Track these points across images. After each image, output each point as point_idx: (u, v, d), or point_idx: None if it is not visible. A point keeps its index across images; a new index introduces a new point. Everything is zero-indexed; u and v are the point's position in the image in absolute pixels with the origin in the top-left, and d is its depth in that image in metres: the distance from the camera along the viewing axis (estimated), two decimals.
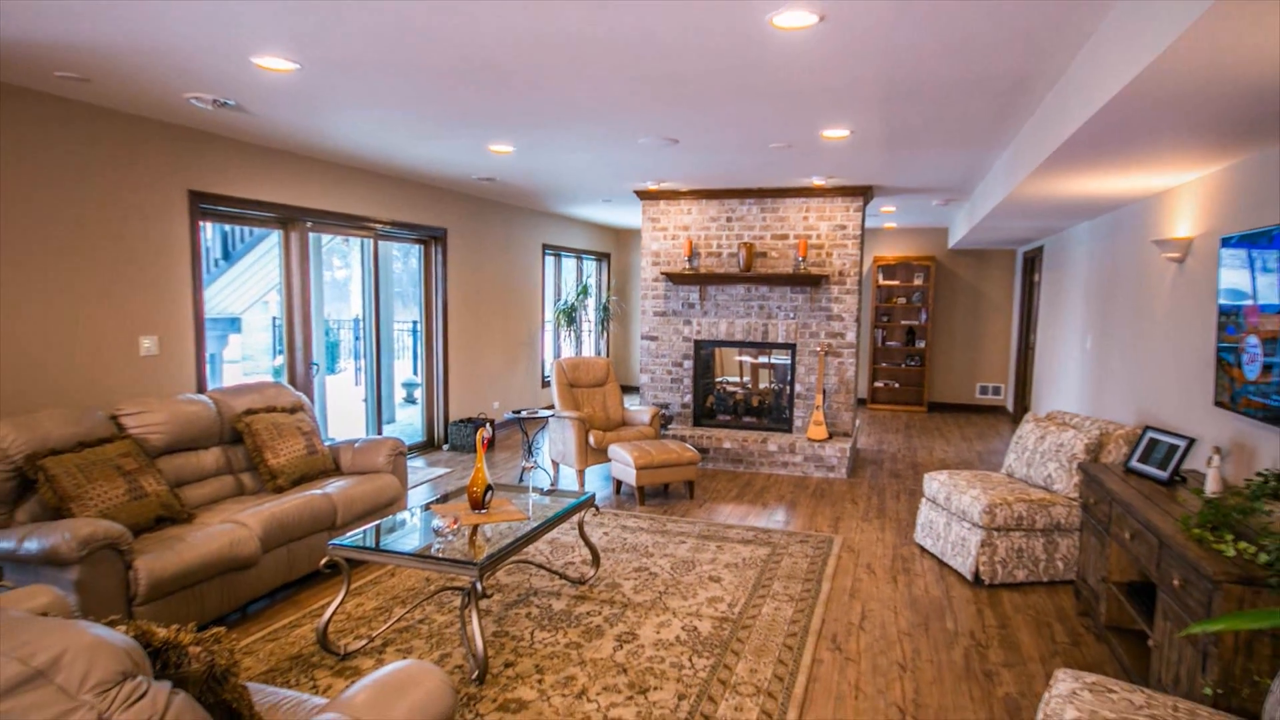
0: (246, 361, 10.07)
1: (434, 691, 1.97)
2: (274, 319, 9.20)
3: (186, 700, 1.41)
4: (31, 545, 3.03)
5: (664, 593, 4.09)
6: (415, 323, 7.87)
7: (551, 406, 10.04)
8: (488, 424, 7.76)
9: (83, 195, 4.22)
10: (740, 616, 3.82)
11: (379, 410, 7.13)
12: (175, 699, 1.39)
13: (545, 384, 10.07)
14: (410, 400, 9.46)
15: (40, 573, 3.06)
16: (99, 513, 3.39)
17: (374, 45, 3.17)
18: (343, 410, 8.76)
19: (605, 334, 11.79)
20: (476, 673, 3.08)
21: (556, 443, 6.48)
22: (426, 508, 3.89)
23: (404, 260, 8.26)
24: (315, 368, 6.09)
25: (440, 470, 6.82)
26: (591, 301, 11.42)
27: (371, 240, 6.85)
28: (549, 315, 10.30)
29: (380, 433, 7.15)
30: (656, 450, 5.88)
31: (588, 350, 11.45)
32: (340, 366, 11.04)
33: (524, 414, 6.68)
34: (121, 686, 1.34)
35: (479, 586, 3.13)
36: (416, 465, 7.02)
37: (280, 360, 6.03)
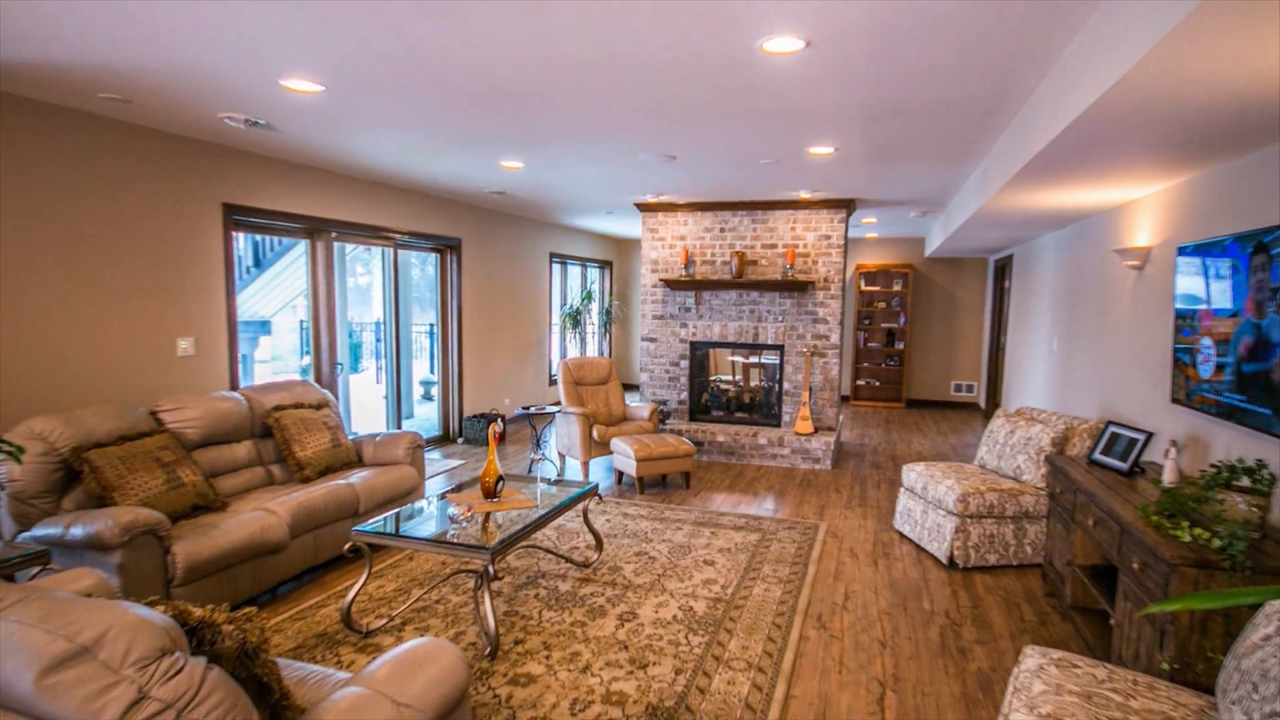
0: (276, 361, 10.05)
1: (449, 666, 1.97)
2: (301, 322, 9.21)
3: (221, 675, 1.41)
4: (77, 531, 3.03)
5: (662, 575, 4.09)
6: (432, 325, 7.86)
7: (558, 403, 10.04)
8: (499, 419, 7.76)
9: (124, 208, 4.22)
10: (733, 597, 3.81)
11: (398, 406, 7.14)
12: (210, 673, 1.39)
13: (552, 382, 10.07)
14: (428, 397, 9.45)
15: (85, 557, 3.06)
16: (139, 501, 3.39)
17: (394, 69, 3.18)
18: (365, 406, 8.75)
19: (608, 336, 11.78)
20: (489, 649, 3.08)
21: (563, 436, 6.48)
22: (442, 496, 3.89)
23: (422, 268, 8.25)
24: (339, 367, 6.09)
25: (455, 462, 6.82)
26: (595, 306, 11.42)
27: (392, 249, 6.85)
28: (556, 318, 10.30)
29: (400, 427, 7.16)
30: (655, 444, 5.88)
31: (591, 351, 11.45)
32: (363, 366, 11.02)
33: (533, 410, 6.68)
34: (160, 662, 1.34)
35: (491, 569, 3.13)
36: (433, 457, 7.02)
37: (307, 360, 6.03)
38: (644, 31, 2.67)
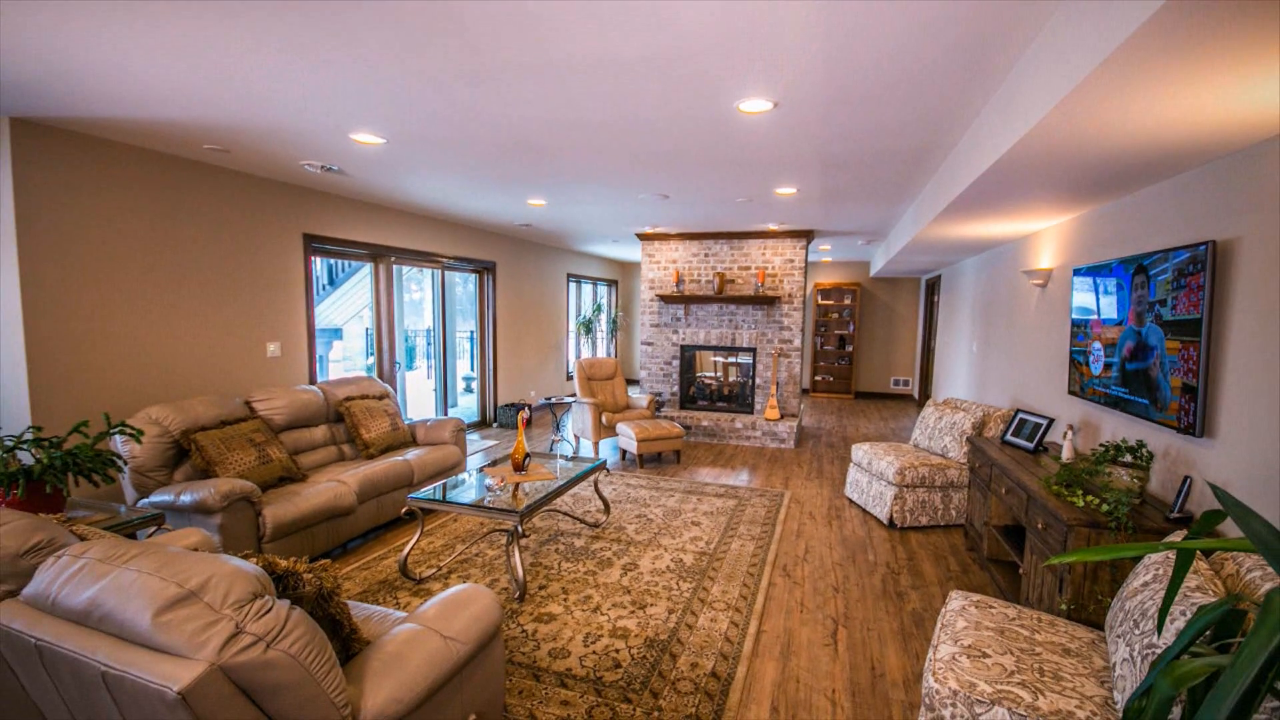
0: (346, 361, 10.03)
1: (486, 607, 1.97)
2: (366, 330, 9.18)
3: (302, 614, 1.41)
4: (186, 498, 3.03)
5: (658, 534, 4.08)
6: (472, 332, 7.86)
7: (574, 394, 10.03)
8: (526, 407, 7.76)
9: (223, 237, 4.21)
10: (715, 551, 3.81)
11: (445, 397, 7.13)
12: (293, 612, 1.39)
13: (569, 378, 10.05)
14: (469, 390, 9.43)
15: (192, 518, 3.06)
16: (236, 474, 3.39)
17: (442, 126, 3.17)
18: (418, 397, 8.73)
19: (614, 340, 11.77)
20: (518, 593, 3.08)
21: (578, 421, 6.48)
22: (481, 470, 3.89)
23: (464, 285, 8.24)
24: (397, 365, 6.08)
25: (491, 442, 6.81)
26: (604, 316, 11.40)
27: (439, 270, 6.84)
28: (572, 326, 10.28)
29: (446, 414, 7.15)
30: (652, 427, 5.88)
31: (601, 353, 11.43)
32: (416, 365, 11.00)
33: (553, 400, 6.67)
34: (254, 603, 1.34)
35: (519, 529, 3.13)
36: (473, 438, 7.01)
37: (371, 360, 6.02)
38: (643, 96, 2.67)
